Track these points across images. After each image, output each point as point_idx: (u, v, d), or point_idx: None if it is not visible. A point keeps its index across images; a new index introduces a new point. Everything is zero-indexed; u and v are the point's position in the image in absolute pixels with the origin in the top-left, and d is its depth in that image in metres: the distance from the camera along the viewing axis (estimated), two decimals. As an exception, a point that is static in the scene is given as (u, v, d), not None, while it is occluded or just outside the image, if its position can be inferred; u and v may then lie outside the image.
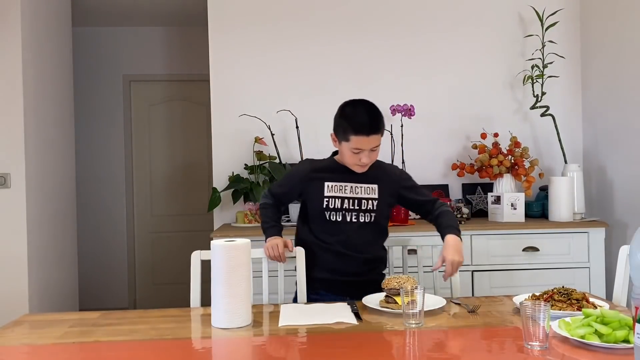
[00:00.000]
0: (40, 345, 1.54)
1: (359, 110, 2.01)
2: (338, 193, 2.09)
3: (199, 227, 4.82)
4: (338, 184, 2.09)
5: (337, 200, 2.08)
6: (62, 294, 3.64)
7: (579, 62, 3.59)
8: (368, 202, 2.09)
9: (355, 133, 1.96)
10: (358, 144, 1.97)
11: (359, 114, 1.99)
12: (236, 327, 1.64)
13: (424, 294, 1.65)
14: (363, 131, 1.96)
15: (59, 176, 3.66)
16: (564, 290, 1.73)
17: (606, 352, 1.36)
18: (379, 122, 2.00)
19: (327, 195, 2.08)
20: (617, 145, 3.23)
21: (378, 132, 1.99)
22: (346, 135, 1.99)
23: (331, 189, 2.09)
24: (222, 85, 3.52)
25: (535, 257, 3.05)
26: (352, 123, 1.97)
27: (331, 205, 2.08)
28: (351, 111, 2.02)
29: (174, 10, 4.57)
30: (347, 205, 2.08)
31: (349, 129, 1.97)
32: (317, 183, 2.10)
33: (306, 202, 2.16)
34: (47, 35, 3.52)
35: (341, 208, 2.08)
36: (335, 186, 2.09)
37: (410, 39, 3.57)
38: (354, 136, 1.97)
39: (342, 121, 2.02)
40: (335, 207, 2.08)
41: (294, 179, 2.18)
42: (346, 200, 2.08)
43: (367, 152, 2.00)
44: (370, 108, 2.02)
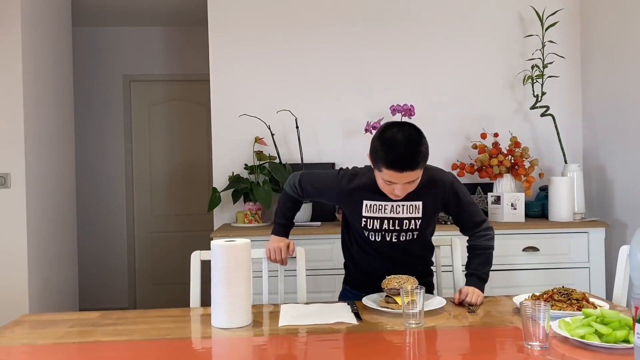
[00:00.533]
0: (40, 345, 1.54)
1: (397, 141, 1.73)
2: (377, 214, 1.93)
3: (199, 227, 4.82)
4: (377, 203, 1.92)
5: (376, 221, 1.93)
6: (62, 294, 3.64)
7: (579, 62, 3.59)
8: (410, 222, 1.93)
9: (387, 167, 1.74)
10: (391, 177, 1.76)
11: (396, 145, 1.73)
12: (236, 327, 1.64)
13: (424, 294, 1.65)
14: (396, 166, 1.73)
15: (59, 176, 3.66)
16: (564, 290, 1.73)
17: (606, 353, 1.36)
18: (416, 158, 1.73)
19: (365, 215, 1.94)
20: (617, 145, 3.23)
21: (414, 169, 1.74)
22: (378, 166, 1.78)
23: (369, 209, 1.93)
24: (222, 85, 3.52)
25: (535, 257, 3.04)
26: (386, 155, 1.74)
27: (369, 225, 1.95)
28: (389, 139, 1.75)
29: (174, 10, 4.57)
30: (387, 226, 1.94)
31: (381, 160, 1.75)
32: (356, 201, 1.95)
33: (345, 213, 2.06)
34: (47, 35, 3.52)
35: (380, 229, 1.94)
36: (374, 206, 1.93)
37: (411, 39, 3.57)
38: (385, 169, 1.75)
39: (377, 147, 1.77)
40: (375, 228, 1.94)
41: (329, 189, 2.03)
42: (386, 221, 1.93)
43: (400, 186, 1.79)
44: (411, 140, 1.74)
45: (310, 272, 2.27)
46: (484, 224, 2.01)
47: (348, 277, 2.17)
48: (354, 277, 2.13)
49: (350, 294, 2.12)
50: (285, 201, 2.14)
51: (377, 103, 3.50)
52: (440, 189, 1.94)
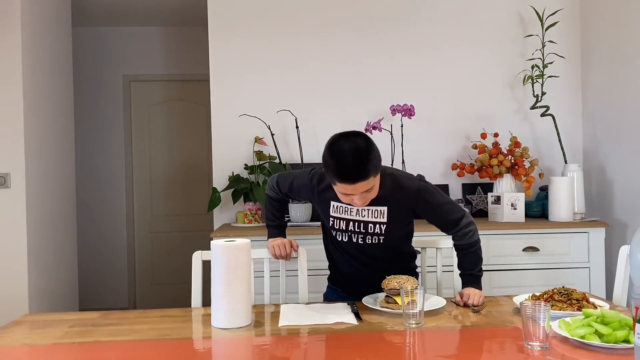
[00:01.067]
0: (40, 345, 1.54)
1: (344, 153, 1.71)
2: (343, 214, 1.95)
3: (199, 227, 4.82)
4: (344, 205, 1.93)
5: (342, 222, 1.96)
6: (62, 294, 3.64)
7: (579, 62, 3.59)
8: (375, 226, 1.92)
9: (339, 180, 1.72)
10: (345, 189, 1.75)
11: (344, 157, 1.70)
12: (236, 327, 1.64)
13: (424, 294, 1.65)
14: (347, 179, 1.71)
15: (59, 176, 3.66)
16: (564, 290, 1.73)
17: (606, 352, 1.36)
18: (366, 167, 1.70)
19: (332, 215, 1.97)
20: (617, 145, 3.23)
21: (366, 178, 1.71)
22: (332, 179, 1.77)
23: (336, 210, 1.96)
24: (222, 85, 3.52)
25: (535, 257, 3.05)
26: (336, 169, 1.72)
27: (337, 225, 1.97)
28: (337, 152, 1.72)
29: (174, 10, 4.57)
30: (353, 228, 1.95)
31: (332, 174, 1.74)
32: (324, 201, 1.97)
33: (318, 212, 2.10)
34: (47, 35, 3.52)
35: (346, 230, 1.96)
36: (341, 207, 1.94)
37: (410, 39, 3.57)
38: (337, 182, 1.74)
39: (327, 161, 1.76)
40: (341, 228, 1.97)
41: (302, 188, 2.06)
42: (351, 223, 1.95)
43: (357, 196, 1.77)
44: (357, 150, 1.71)
45: (310, 272, 2.26)
46: (462, 220, 1.94)
47: (330, 274, 2.23)
48: (332, 273, 2.19)
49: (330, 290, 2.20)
50: (271, 203, 2.18)
51: (377, 103, 3.50)
52: (406, 195, 1.90)
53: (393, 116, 3.33)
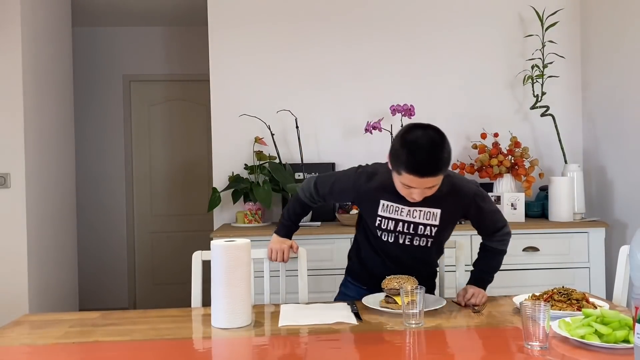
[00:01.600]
0: (40, 345, 1.54)
1: (420, 145, 1.65)
2: (393, 214, 1.88)
3: (199, 227, 4.82)
4: (394, 205, 1.87)
5: (391, 222, 1.88)
6: (62, 294, 3.64)
7: (579, 62, 3.59)
8: (426, 228, 1.87)
9: (408, 171, 1.67)
10: (410, 182, 1.69)
11: (420, 151, 1.65)
12: (236, 327, 1.64)
13: (424, 294, 1.65)
14: (417, 172, 1.66)
15: (59, 176, 3.66)
16: (564, 291, 1.73)
17: (606, 353, 1.36)
18: (438, 164, 1.66)
19: (380, 214, 1.89)
20: (617, 145, 3.23)
21: (436, 174, 1.68)
22: (398, 169, 1.70)
23: (386, 209, 1.88)
24: (222, 85, 3.52)
25: (535, 257, 3.05)
26: (408, 159, 1.66)
27: (384, 225, 1.90)
28: (412, 143, 1.66)
29: (174, 10, 4.57)
30: (402, 229, 1.89)
31: (402, 164, 1.67)
32: (372, 199, 1.90)
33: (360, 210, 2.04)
34: (47, 35, 3.52)
35: (394, 230, 1.89)
36: (391, 207, 1.87)
37: (411, 39, 3.57)
38: (406, 174, 1.68)
39: (398, 150, 1.69)
40: (388, 229, 1.90)
41: (347, 188, 1.98)
42: (401, 223, 1.88)
43: (419, 191, 1.72)
44: (434, 145, 1.66)
45: (310, 272, 2.27)
46: (503, 229, 1.97)
47: (350, 268, 2.17)
48: (356, 269, 2.13)
49: (351, 285, 2.13)
50: (295, 205, 2.12)
51: (377, 103, 3.50)
52: (462, 199, 1.88)
53: (393, 116, 3.33)
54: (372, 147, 3.49)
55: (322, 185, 2.05)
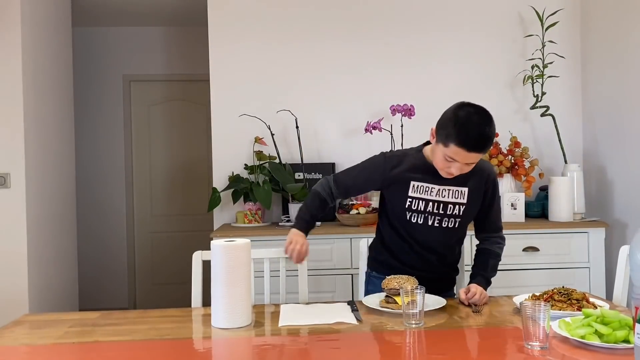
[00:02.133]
0: (40, 345, 1.54)
1: (473, 122, 1.76)
2: (423, 195, 1.93)
3: (199, 227, 4.82)
4: (424, 185, 1.93)
5: (421, 202, 1.93)
6: (62, 294, 3.64)
7: (579, 62, 3.59)
8: (455, 207, 1.93)
9: (457, 144, 1.75)
10: (455, 154, 1.77)
11: (472, 126, 1.75)
12: (236, 327, 1.64)
13: (424, 294, 1.65)
14: (467, 145, 1.75)
15: (59, 176, 3.66)
16: (564, 290, 1.73)
17: (606, 353, 1.36)
18: (487, 142, 1.77)
19: (411, 195, 1.93)
20: (617, 145, 3.23)
21: (482, 151, 1.78)
22: (447, 141, 1.77)
23: (416, 190, 1.93)
24: (222, 85, 3.52)
25: (535, 257, 3.04)
26: (459, 132, 1.74)
27: (414, 206, 1.93)
28: (464, 118, 1.76)
29: (174, 10, 4.57)
30: (432, 209, 1.93)
31: (453, 137, 1.75)
32: (402, 181, 1.94)
33: (386, 197, 2.04)
34: (47, 35, 3.52)
35: (424, 211, 1.93)
36: (422, 187, 1.93)
37: (411, 39, 3.57)
38: (454, 146, 1.75)
39: (449, 123, 1.78)
40: (419, 209, 1.93)
41: (374, 174, 2.00)
42: (430, 203, 1.93)
43: (459, 165, 1.81)
44: (485, 123, 1.77)
45: (310, 272, 2.26)
46: (501, 231, 2.06)
47: (374, 259, 2.12)
48: (380, 258, 2.08)
49: (376, 280, 2.05)
50: (314, 199, 2.05)
51: (377, 103, 3.50)
52: (485, 177, 1.97)
53: (393, 116, 3.33)
54: (372, 147, 3.47)
55: (344, 179, 2.05)
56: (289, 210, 3.27)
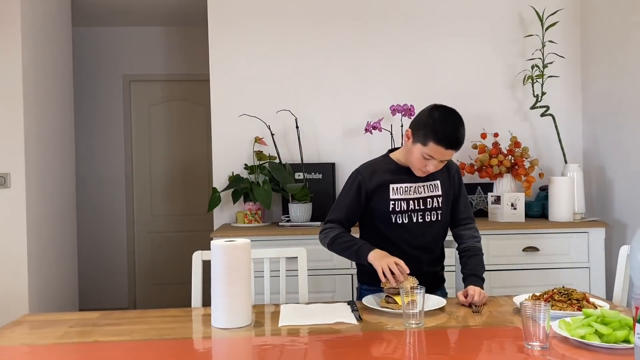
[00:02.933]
0: (40, 345, 1.54)
1: (448, 121, 1.90)
2: (403, 195, 2.03)
3: (199, 227, 4.82)
4: (403, 186, 2.03)
5: (403, 203, 2.02)
6: (62, 294, 3.64)
7: (579, 62, 3.59)
8: (433, 200, 2.05)
9: (436, 142, 1.88)
10: (434, 152, 1.90)
11: (449, 124, 1.89)
12: (236, 327, 1.64)
13: (424, 294, 1.65)
14: (445, 143, 1.88)
15: (59, 176, 3.66)
16: (564, 291, 1.73)
17: (606, 353, 1.36)
18: (461, 140, 1.92)
19: (393, 197, 2.02)
20: (617, 145, 3.23)
21: (457, 149, 1.92)
22: (425, 140, 1.90)
23: (397, 191, 2.03)
24: (222, 85, 3.52)
25: (535, 257, 3.04)
26: (438, 131, 1.87)
27: (397, 207, 2.02)
28: (440, 118, 1.90)
29: (174, 10, 4.57)
30: (413, 206, 2.03)
31: (431, 135, 1.88)
32: (382, 186, 2.03)
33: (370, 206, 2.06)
34: (47, 35, 3.52)
35: (407, 209, 2.03)
36: (400, 188, 2.03)
37: (411, 39, 3.57)
38: (433, 144, 1.88)
39: (429, 121, 1.90)
40: (402, 209, 2.02)
41: (358, 192, 2.04)
42: (412, 201, 2.03)
43: (436, 162, 1.93)
44: (459, 123, 1.92)
45: (310, 272, 2.26)
46: (473, 222, 2.15)
47: (363, 271, 2.11)
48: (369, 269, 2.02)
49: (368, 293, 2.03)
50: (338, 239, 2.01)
51: (377, 103, 3.50)
52: (452, 171, 2.10)
53: (393, 116, 3.33)
54: (372, 147, 3.49)
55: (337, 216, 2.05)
56: (289, 210, 3.27)
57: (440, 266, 2.16)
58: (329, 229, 2.05)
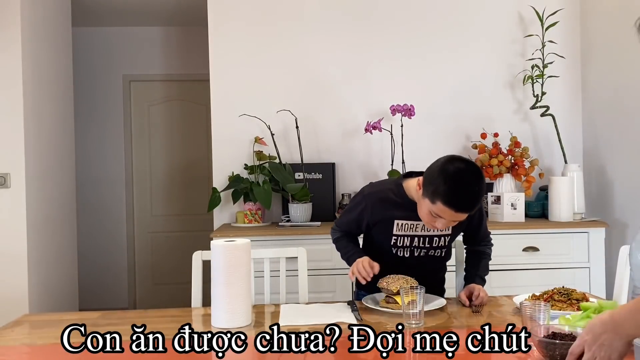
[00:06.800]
0: (40, 345, 1.54)
1: (463, 181, 1.67)
2: (408, 232, 1.91)
3: (199, 227, 4.82)
4: (409, 223, 1.90)
5: (407, 239, 1.92)
6: (62, 294, 3.64)
7: (579, 62, 3.59)
8: (440, 239, 1.93)
9: (445, 203, 1.67)
10: (442, 212, 1.70)
11: (461, 185, 1.67)
12: (236, 327, 1.64)
13: (424, 294, 1.65)
14: (455, 207, 1.67)
15: (59, 176, 3.66)
16: (564, 291, 1.73)
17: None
18: (476, 202, 1.69)
19: (396, 233, 1.92)
20: (617, 145, 3.23)
21: (471, 211, 1.71)
22: (434, 198, 1.69)
23: (401, 228, 1.91)
24: (222, 85, 3.52)
25: (535, 257, 3.04)
26: (448, 192, 1.66)
27: (399, 243, 1.93)
28: (454, 176, 1.67)
29: (174, 10, 4.57)
30: (417, 243, 1.93)
31: (440, 196, 1.67)
32: (386, 219, 1.92)
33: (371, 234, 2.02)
34: (47, 35, 3.52)
35: (410, 245, 1.93)
36: (406, 225, 1.91)
37: (411, 39, 3.56)
38: (442, 205, 1.67)
39: (438, 180, 1.68)
40: (404, 245, 1.93)
41: (360, 217, 1.97)
42: (416, 239, 1.92)
43: (445, 221, 1.74)
44: (475, 182, 1.68)
45: (310, 272, 2.26)
46: (489, 235, 2.09)
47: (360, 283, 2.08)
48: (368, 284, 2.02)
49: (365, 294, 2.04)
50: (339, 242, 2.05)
51: (377, 103, 3.50)
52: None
53: (393, 116, 3.33)
54: (372, 147, 3.49)
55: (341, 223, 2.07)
56: (289, 210, 3.27)
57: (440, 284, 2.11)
58: (336, 229, 2.09)
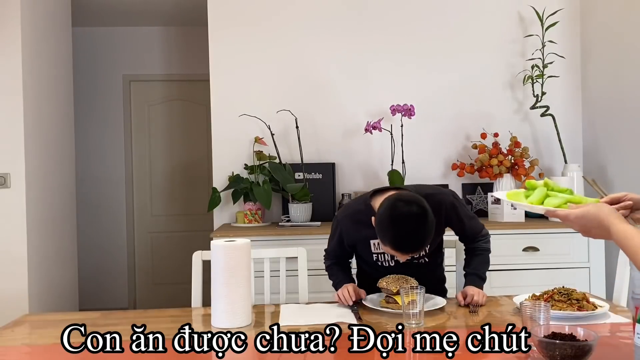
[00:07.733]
0: (40, 345, 1.54)
1: (406, 227, 1.67)
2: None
3: (199, 227, 4.82)
4: None
5: (387, 254, 1.97)
6: (62, 294, 3.64)
7: (579, 62, 3.59)
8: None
9: (392, 248, 1.71)
10: (394, 254, 1.75)
11: (405, 232, 1.68)
12: (236, 327, 1.64)
13: (424, 294, 1.65)
14: (402, 250, 1.71)
15: (59, 176, 3.66)
16: (564, 290, 1.73)
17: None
18: (422, 244, 1.71)
19: (374, 252, 1.98)
20: (617, 145, 3.23)
21: (419, 251, 1.75)
22: (383, 241, 1.73)
23: (377, 247, 1.95)
24: (222, 85, 3.52)
25: (535, 257, 3.04)
26: (394, 238, 1.69)
27: (381, 258, 1.98)
28: (399, 222, 1.68)
29: (174, 10, 4.57)
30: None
31: (387, 240, 1.71)
32: (363, 241, 1.98)
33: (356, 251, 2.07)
34: (47, 35, 3.52)
35: (392, 258, 1.97)
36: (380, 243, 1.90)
37: (411, 39, 3.56)
38: (390, 249, 1.72)
39: (384, 226, 1.71)
40: (386, 259, 1.98)
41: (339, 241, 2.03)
42: None
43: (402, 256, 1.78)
44: (420, 226, 1.68)
45: (310, 272, 2.26)
46: (482, 231, 2.06)
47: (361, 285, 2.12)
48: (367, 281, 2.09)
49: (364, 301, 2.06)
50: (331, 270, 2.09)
51: (377, 103, 3.50)
52: (443, 212, 1.93)
53: (393, 116, 3.33)
54: (372, 147, 3.49)
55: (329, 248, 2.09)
56: (289, 210, 3.27)
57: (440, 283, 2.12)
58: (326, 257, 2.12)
